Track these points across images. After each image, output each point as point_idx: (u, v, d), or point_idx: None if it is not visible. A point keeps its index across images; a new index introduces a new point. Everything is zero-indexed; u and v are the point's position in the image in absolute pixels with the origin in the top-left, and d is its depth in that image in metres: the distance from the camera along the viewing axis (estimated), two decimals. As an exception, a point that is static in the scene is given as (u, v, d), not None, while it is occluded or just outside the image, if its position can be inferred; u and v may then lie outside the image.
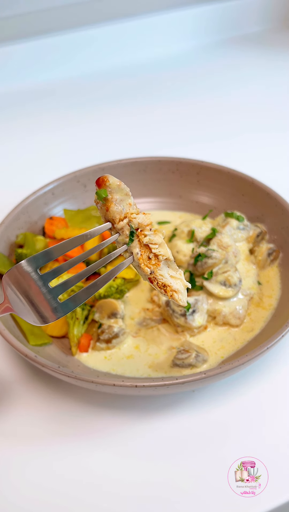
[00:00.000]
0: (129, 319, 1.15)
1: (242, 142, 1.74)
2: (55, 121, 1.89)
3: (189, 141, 1.74)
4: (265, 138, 1.76)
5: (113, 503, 0.88)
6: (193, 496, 0.89)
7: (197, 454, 0.94)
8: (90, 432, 0.98)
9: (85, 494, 0.89)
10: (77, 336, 1.08)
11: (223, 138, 1.77)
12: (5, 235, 1.20)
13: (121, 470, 0.92)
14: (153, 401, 1.02)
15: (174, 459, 0.94)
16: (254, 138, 1.76)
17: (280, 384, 1.04)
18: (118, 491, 0.90)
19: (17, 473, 0.93)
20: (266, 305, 1.14)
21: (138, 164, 1.40)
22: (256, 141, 1.75)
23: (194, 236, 1.21)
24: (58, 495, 0.89)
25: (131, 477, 0.91)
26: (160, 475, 0.92)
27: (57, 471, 0.93)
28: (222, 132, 1.79)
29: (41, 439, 0.97)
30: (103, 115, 1.91)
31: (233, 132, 1.80)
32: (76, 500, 0.89)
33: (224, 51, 2.29)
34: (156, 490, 0.90)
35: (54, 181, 1.32)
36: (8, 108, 1.96)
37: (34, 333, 1.07)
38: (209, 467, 0.92)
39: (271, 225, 1.26)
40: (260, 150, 1.71)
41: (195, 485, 0.90)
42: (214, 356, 1.06)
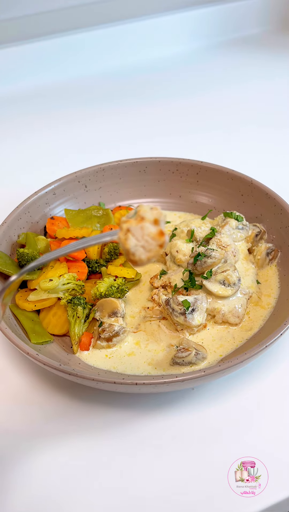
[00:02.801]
0: (129, 318, 1.16)
1: (241, 143, 1.75)
2: (55, 121, 1.90)
3: (189, 141, 1.75)
4: (264, 138, 1.77)
5: (112, 501, 0.89)
6: (192, 496, 0.89)
7: (197, 453, 0.95)
8: (91, 429, 0.99)
9: (84, 491, 0.90)
10: (78, 334, 1.09)
11: (222, 138, 1.78)
12: (7, 234, 1.21)
13: (120, 468, 0.93)
14: (152, 399, 1.03)
15: (173, 457, 0.94)
16: (253, 138, 1.77)
17: (280, 382, 1.05)
18: (118, 489, 0.90)
19: (17, 470, 0.93)
20: (265, 304, 1.15)
21: (138, 165, 1.40)
22: (255, 141, 1.76)
23: (193, 235, 1.22)
24: (58, 491, 0.90)
25: (130, 476, 0.92)
26: (159, 473, 0.92)
27: (57, 468, 0.93)
28: (222, 133, 1.80)
29: (43, 437, 0.98)
30: (104, 116, 1.92)
31: (232, 133, 1.80)
32: (76, 496, 0.90)
33: (223, 52, 2.30)
34: (155, 489, 0.90)
35: (55, 182, 1.33)
36: (8, 108, 1.97)
37: (35, 332, 1.09)
38: (209, 467, 0.93)
39: (269, 225, 1.27)
40: (259, 150, 1.71)
41: (194, 485, 0.90)
42: (213, 355, 1.07)
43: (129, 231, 0.74)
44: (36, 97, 2.03)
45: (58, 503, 0.89)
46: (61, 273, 1.14)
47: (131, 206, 1.41)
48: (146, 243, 0.74)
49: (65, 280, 1.11)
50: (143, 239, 0.74)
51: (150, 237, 0.74)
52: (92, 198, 1.39)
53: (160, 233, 0.74)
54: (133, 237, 0.74)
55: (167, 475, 0.92)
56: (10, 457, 0.95)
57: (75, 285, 1.12)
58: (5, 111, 1.96)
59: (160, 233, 0.74)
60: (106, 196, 1.41)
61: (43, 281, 1.10)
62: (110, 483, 0.91)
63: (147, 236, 0.74)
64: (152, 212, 0.75)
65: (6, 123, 1.90)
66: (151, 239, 0.74)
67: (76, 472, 0.93)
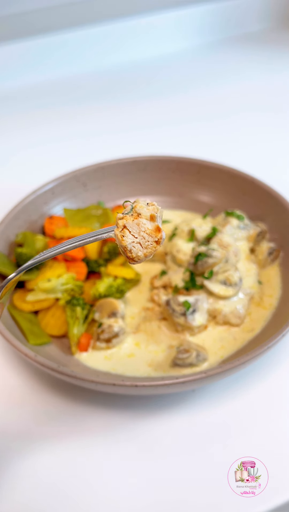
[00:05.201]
0: (129, 318, 1.15)
1: (242, 141, 1.74)
2: (54, 119, 1.89)
3: (189, 139, 1.74)
4: (266, 136, 1.76)
5: (112, 502, 0.88)
6: (192, 496, 0.88)
7: (197, 454, 0.94)
8: (90, 431, 0.98)
9: (83, 493, 0.89)
10: (77, 335, 1.08)
11: (223, 136, 1.77)
12: (5, 234, 1.20)
13: (120, 470, 0.92)
14: (153, 400, 1.02)
15: (173, 458, 0.94)
16: (254, 136, 1.76)
17: (281, 383, 1.04)
18: (118, 490, 0.90)
19: (15, 471, 0.92)
20: (267, 305, 1.14)
21: (138, 163, 1.39)
22: (257, 139, 1.75)
23: (194, 235, 1.21)
24: (57, 493, 0.89)
25: (131, 477, 0.91)
26: (160, 474, 0.92)
27: (56, 469, 0.93)
28: (222, 131, 1.79)
29: (40, 439, 0.97)
30: (104, 114, 1.91)
31: (233, 131, 1.79)
32: (75, 498, 0.89)
33: (224, 49, 2.29)
34: (155, 490, 0.89)
35: (54, 180, 1.32)
36: (7, 106, 1.96)
37: (33, 333, 1.07)
38: (209, 467, 0.92)
39: (271, 224, 1.26)
40: (261, 148, 1.71)
41: (194, 485, 0.90)
42: (214, 356, 1.06)
43: (126, 227, 0.73)
44: (34, 95, 2.02)
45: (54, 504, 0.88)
46: (59, 273, 1.13)
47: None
48: (142, 239, 0.73)
49: (64, 280, 1.10)
50: (140, 236, 0.73)
51: (147, 234, 0.73)
52: (91, 197, 1.38)
53: (157, 229, 0.73)
54: (130, 234, 0.73)
55: (168, 476, 0.91)
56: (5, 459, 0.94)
57: (74, 285, 1.11)
58: (3, 108, 1.95)
59: (156, 229, 0.73)
60: (106, 195, 1.40)
61: (42, 281, 1.09)
62: (109, 484, 0.90)
63: (143, 233, 0.73)
64: (148, 208, 0.73)
65: (4, 121, 1.89)
66: (148, 235, 0.73)
67: (73, 472, 0.92)
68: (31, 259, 0.80)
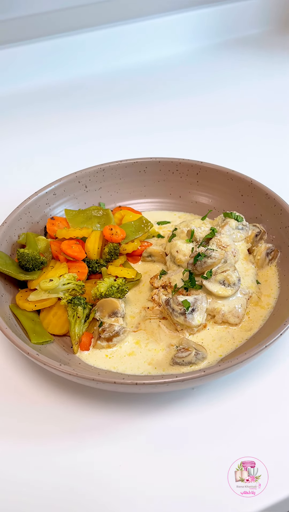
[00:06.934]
0: (129, 318, 1.16)
1: (240, 143, 1.75)
2: (55, 122, 1.90)
3: (188, 142, 1.75)
4: (264, 139, 1.77)
5: (112, 501, 0.89)
6: (192, 496, 0.89)
7: (197, 453, 0.95)
8: (91, 429, 0.99)
9: (84, 490, 0.90)
10: (78, 334, 1.09)
11: (221, 139, 1.78)
12: (7, 235, 1.22)
13: (120, 468, 0.93)
14: (152, 398, 1.03)
15: (173, 457, 0.94)
16: (253, 138, 1.77)
17: (279, 382, 1.05)
18: (118, 488, 0.91)
19: (17, 469, 0.94)
20: (265, 304, 1.15)
21: (138, 165, 1.41)
22: (255, 142, 1.76)
23: (193, 236, 1.22)
24: (58, 491, 0.91)
25: (130, 475, 0.92)
26: (159, 473, 0.92)
27: (57, 467, 0.94)
28: (221, 133, 1.80)
29: (43, 436, 0.98)
30: (104, 116, 1.92)
31: (231, 133, 1.80)
32: (76, 495, 0.90)
33: (223, 53, 2.30)
34: (155, 489, 0.90)
35: (56, 182, 1.33)
36: (9, 108, 1.97)
37: (35, 332, 1.09)
38: (209, 467, 0.93)
39: (269, 225, 1.28)
40: (259, 151, 1.72)
41: (194, 485, 0.90)
42: (212, 355, 1.07)
43: None
44: (36, 97, 2.03)
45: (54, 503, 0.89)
46: (61, 273, 1.14)
47: (131, 206, 1.41)
48: None
49: (65, 280, 1.11)
50: None
51: None
52: (92, 198, 1.40)
53: None
54: None
55: (167, 475, 0.92)
56: (8, 455, 0.95)
57: (75, 285, 1.12)
58: (6, 111, 1.96)
59: None
60: (107, 197, 1.41)
61: (44, 281, 1.10)
62: (108, 482, 0.91)
63: None
64: None
65: (6, 123, 1.90)
66: None
67: (74, 470, 0.93)
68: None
